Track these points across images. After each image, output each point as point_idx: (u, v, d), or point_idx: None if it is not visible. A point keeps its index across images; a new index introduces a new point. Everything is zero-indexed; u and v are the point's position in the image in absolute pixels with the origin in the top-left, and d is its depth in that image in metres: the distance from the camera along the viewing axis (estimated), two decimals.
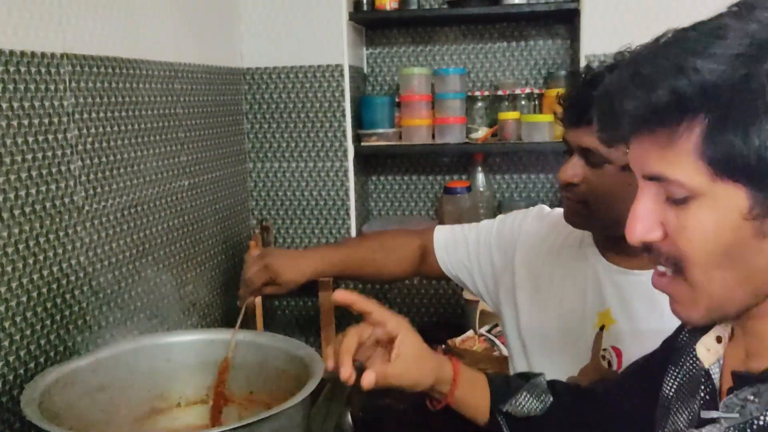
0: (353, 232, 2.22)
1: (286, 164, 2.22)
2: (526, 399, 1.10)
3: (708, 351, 0.82)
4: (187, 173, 1.73)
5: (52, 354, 1.23)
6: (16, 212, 1.13)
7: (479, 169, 2.34)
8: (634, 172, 0.74)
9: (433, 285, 2.20)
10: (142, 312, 1.52)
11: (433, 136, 2.24)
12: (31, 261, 1.16)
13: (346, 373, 0.92)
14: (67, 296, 1.26)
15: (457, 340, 1.82)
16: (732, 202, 0.67)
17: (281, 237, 2.24)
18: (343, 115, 2.17)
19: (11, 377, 1.12)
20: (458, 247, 1.43)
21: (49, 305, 1.21)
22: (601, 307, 1.21)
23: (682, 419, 0.85)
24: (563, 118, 1.17)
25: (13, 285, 1.12)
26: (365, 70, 2.42)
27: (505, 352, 1.75)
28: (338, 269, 1.44)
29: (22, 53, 1.15)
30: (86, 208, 1.32)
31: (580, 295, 1.23)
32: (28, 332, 1.15)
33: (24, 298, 1.15)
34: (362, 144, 2.24)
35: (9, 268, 1.11)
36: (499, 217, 1.44)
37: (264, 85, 2.17)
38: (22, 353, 1.14)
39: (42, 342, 1.20)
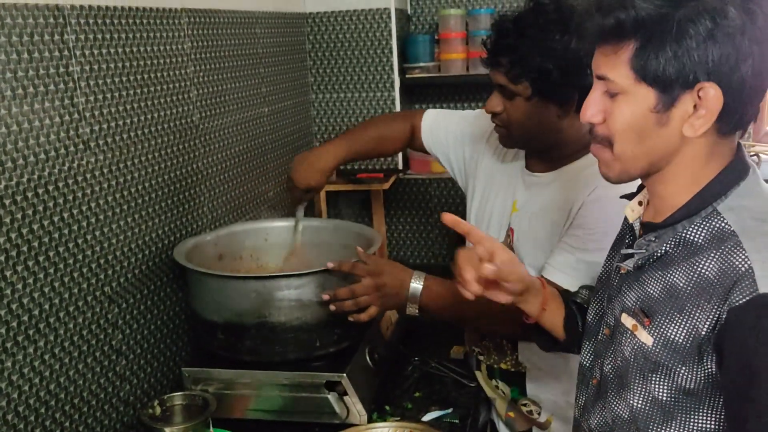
0: (399, 152, 2.59)
1: (342, 94, 2.58)
2: (583, 291, 1.31)
3: (632, 211, 1.12)
4: (266, 101, 2.14)
5: (189, 229, 1.67)
6: (152, 129, 1.56)
7: None
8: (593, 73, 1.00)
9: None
10: (243, 204, 1.96)
11: (468, 69, 2.52)
12: (163, 165, 1.58)
13: (474, 287, 1.11)
14: (192, 191, 1.69)
15: None
16: (644, 99, 0.95)
17: None
18: (390, 52, 2.48)
19: (165, 242, 1.57)
20: (440, 131, 1.68)
21: (180, 196, 1.64)
22: (513, 198, 1.51)
23: (616, 260, 1.15)
24: (484, 60, 1.40)
25: (153, 182, 1.53)
26: (409, 12, 2.70)
27: None
28: (349, 158, 1.70)
29: (149, 9, 1.51)
30: (201, 126, 1.74)
31: (507, 189, 1.52)
32: (169, 213, 1.60)
33: (164, 190, 1.58)
34: (407, 76, 2.54)
35: (150, 170, 1.51)
36: (478, 111, 1.63)
37: (323, 27, 2.50)
38: (167, 227, 1.59)
39: (182, 220, 1.64)
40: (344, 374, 1.39)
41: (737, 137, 1.01)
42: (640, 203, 1.12)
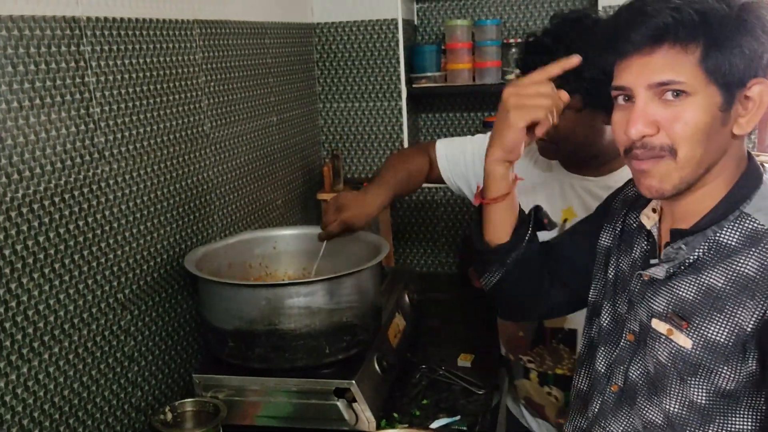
0: None
1: (350, 104, 2.60)
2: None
3: (648, 218, 1.12)
4: (275, 110, 2.16)
5: (200, 237, 1.69)
6: (164, 138, 1.58)
7: None
8: (629, 87, 0.98)
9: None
10: (251, 212, 1.98)
11: (474, 78, 2.54)
12: (174, 174, 1.60)
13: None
14: (202, 199, 1.71)
15: None
16: (713, 99, 0.94)
17: (347, 165, 2.66)
18: (397, 62, 2.50)
19: (177, 249, 1.59)
20: (458, 157, 1.70)
21: (191, 204, 1.66)
22: (564, 205, 1.53)
23: (624, 263, 1.16)
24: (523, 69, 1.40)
25: (164, 190, 1.55)
26: (416, 22, 2.72)
27: None
28: (388, 203, 1.72)
29: (162, 20, 1.54)
30: (212, 135, 1.76)
31: (549, 199, 1.53)
32: (180, 222, 1.62)
33: (176, 199, 1.60)
34: (413, 86, 2.55)
35: (162, 178, 1.53)
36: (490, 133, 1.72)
37: (331, 37, 2.53)
38: (178, 236, 1.61)
39: (193, 228, 1.66)
40: (353, 381, 1.40)
41: (745, 143, 1.03)
42: (654, 210, 1.12)
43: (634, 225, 1.17)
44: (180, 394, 1.58)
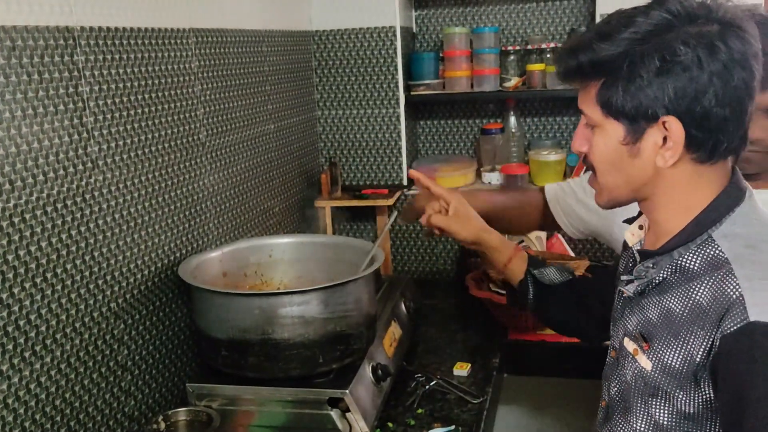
0: (404, 168, 2.59)
1: (348, 111, 2.60)
2: (552, 272, 1.46)
3: (632, 235, 1.15)
4: (272, 118, 2.16)
5: (195, 245, 1.69)
6: (159, 147, 1.58)
7: (511, 112, 2.61)
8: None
9: None
10: (248, 220, 1.98)
11: (472, 86, 2.53)
12: (170, 182, 1.60)
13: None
14: (197, 207, 1.72)
15: None
16: (614, 132, 1.01)
17: (345, 172, 2.65)
18: (396, 69, 2.50)
19: (171, 258, 1.59)
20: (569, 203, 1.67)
21: (186, 212, 1.66)
22: None
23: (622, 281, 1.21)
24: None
25: (159, 199, 1.55)
26: (414, 30, 2.72)
27: None
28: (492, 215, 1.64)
29: (157, 29, 1.54)
30: (207, 143, 1.76)
31: None
32: (175, 230, 1.62)
33: (170, 207, 1.61)
34: (412, 93, 2.55)
35: (156, 187, 1.53)
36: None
37: (329, 45, 2.53)
38: (173, 244, 1.61)
39: (188, 236, 1.66)
40: (347, 391, 1.40)
41: (730, 162, 1.02)
42: (640, 227, 1.15)
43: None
44: (174, 404, 1.57)
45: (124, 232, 1.42)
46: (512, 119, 2.64)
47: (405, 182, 2.61)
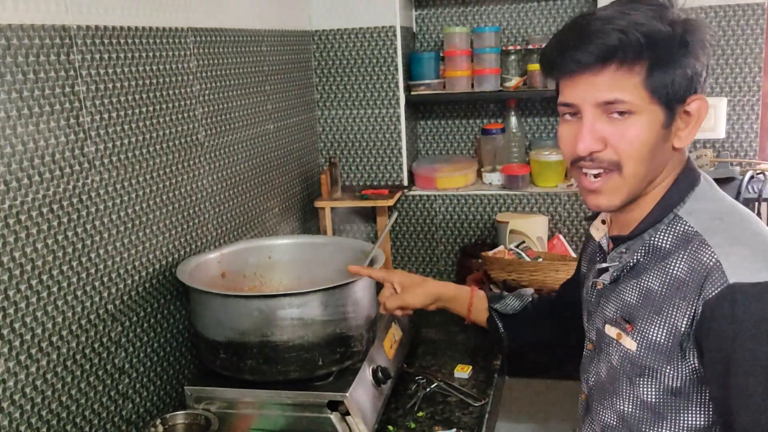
0: (404, 169, 2.59)
1: (348, 111, 2.59)
2: (512, 300, 1.51)
3: (597, 230, 1.18)
4: (272, 118, 2.15)
5: (194, 246, 1.68)
6: (156, 147, 1.57)
7: (512, 112, 2.60)
8: (576, 105, 1.00)
9: (471, 211, 2.56)
10: (247, 221, 1.96)
11: (472, 86, 2.52)
12: (168, 183, 1.59)
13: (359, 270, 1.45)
14: (196, 208, 1.70)
15: (490, 253, 2.21)
16: (656, 116, 0.98)
17: (345, 172, 2.64)
18: (396, 69, 2.49)
19: (170, 259, 1.57)
20: None
21: (185, 213, 1.65)
22: None
23: (589, 277, 1.21)
24: None
25: (157, 200, 1.54)
26: (414, 30, 2.72)
27: (527, 259, 2.14)
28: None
29: (155, 28, 1.53)
30: (206, 143, 1.75)
31: None
32: (173, 231, 1.60)
33: (168, 208, 1.59)
34: (412, 93, 2.55)
35: (154, 188, 1.52)
36: None
37: (329, 45, 2.52)
38: (171, 245, 1.59)
39: (186, 238, 1.64)
40: (347, 394, 1.38)
41: (687, 148, 1.08)
42: (603, 222, 1.18)
43: (591, 241, 1.23)
44: (172, 407, 1.56)
45: (122, 234, 1.41)
46: (513, 119, 2.63)
47: (405, 182, 2.59)
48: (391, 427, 1.49)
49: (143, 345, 1.48)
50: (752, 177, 2.24)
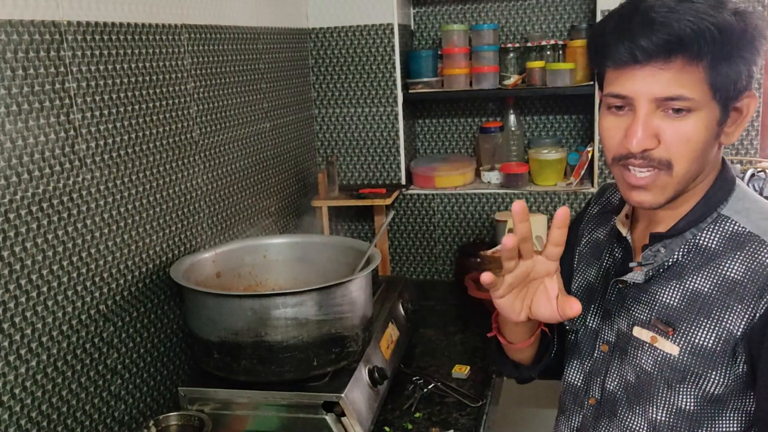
0: (402, 167, 2.58)
1: (345, 110, 2.57)
2: None
3: (623, 224, 1.11)
4: (268, 117, 2.13)
5: (188, 245, 1.66)
6: (149, 146, 1.55)
7: (511, 111, 2.58)
8: (631, 97, 0.92)
9: (470, 210, 2.55)
10: (242, 220, 1.94)
11: (471, 84, 2.49)
12: (161, 182, 1.57)
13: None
14: (190, 207, 1.68)
15: (489, 252, 2.20)
16: (713, 113, 0.93)
17: (342, 171, 2.62)
18: (393, 67, 2.47)
19: (163, 259, 1.55)
20: None
21: (179, 212, 1.63)
22: None
23: (591, 273, 1.15)
24: None
25: (150, 198, 1.52)
26: (412, 27, 2.69)
27: None
28: None
29: (148, 25, 1.51)
30: (200, 142, 1.73)
31: None
32: (167, 230, 1.58)
33: (162, 207, 1.57)
34: (410, 91, 2.52)
35: (147, 186, 1.49)
36: None
37: (326, 43, 2.50)
38: (165, 244, 1.57)
39: (180, 237, 1.62)
40: (342, 395, 1.36)
41: None
42: (627, 216, 1.12)
43: (601, 236, 1.17)
44: (165, 408, 1.54)
45: (114, 233, 1.39)
46: (512, 117, 2.61)
47: (403, 181, 2.57)
48: (387, 429, 1.47)
49: (136, 345, 1.46)
50: (753, 175, 2.23)
